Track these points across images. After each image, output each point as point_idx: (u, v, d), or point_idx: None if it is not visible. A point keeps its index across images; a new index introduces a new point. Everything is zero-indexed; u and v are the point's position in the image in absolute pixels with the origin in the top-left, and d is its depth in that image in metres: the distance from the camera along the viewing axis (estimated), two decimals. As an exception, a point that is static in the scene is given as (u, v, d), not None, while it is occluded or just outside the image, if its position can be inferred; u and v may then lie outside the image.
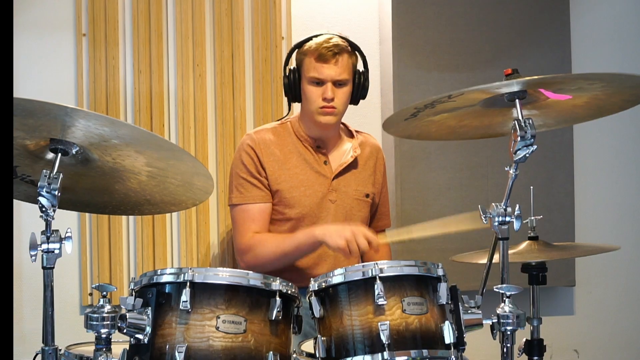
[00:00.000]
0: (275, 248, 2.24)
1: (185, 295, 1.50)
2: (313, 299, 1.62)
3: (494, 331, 1.70)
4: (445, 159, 2.95)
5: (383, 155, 2.55)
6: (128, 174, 1.76)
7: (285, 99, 2.79)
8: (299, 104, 2.38)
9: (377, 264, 1.59)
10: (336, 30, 2.34)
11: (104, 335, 1.49)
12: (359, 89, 2.33)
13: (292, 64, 2.35)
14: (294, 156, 2.35)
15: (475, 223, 1.83)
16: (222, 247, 2.78)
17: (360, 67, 2.34)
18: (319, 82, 2.26)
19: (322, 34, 2.29)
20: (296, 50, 2.33)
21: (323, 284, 1.63)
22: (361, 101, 2.39)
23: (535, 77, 1.69)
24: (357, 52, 2.32)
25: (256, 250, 2.26)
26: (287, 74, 2.33)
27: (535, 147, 1.69)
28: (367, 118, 2.90)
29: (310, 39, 2.29)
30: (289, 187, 2.32)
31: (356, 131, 2.48)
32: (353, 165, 2.39)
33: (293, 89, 2.33)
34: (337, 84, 2.27)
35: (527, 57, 3.00)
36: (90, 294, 2.68)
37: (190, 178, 1.79)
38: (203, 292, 1.53)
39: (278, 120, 2.48)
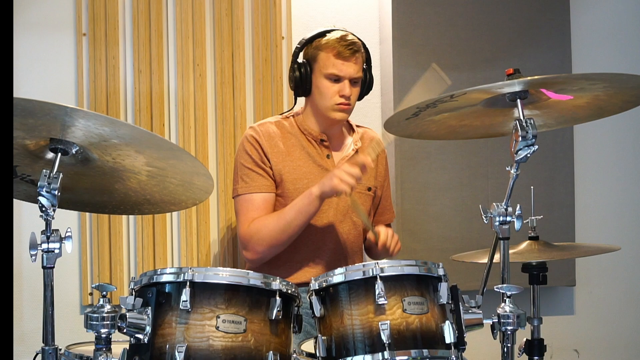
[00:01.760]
0: (276, 222, 2.22)
1: (185, 295, 1.50)
2: (313, 298, 1.62)
3: (495, 331, 1.69)
4: (445, 159, 2.94)
5: (384, 148, 2.54)
6: (128, 174, 1.76)
7: (285, 98, 2.80)
8: (302, 98, 2.38)
9: (377, 263, 1.59)
10: (336, 30, 2.34)
11: (104, 335, 1.49)
12: (364, 85, 2.35)
13: (300, 57, 2.33)
14: (297, 149, 2.35)
15: None
16: (222, 247, 2.77)
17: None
18: (337, 79, 2.26)
19: (334, 30, 2.29)
20: (307, 44, 2.31)
21: (324, 283, 1.63)
22: (361, 101, 2.39)
23: (537, 77, 1.69)
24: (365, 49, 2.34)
25: (259, 234, 2.23)
26: (296, 67, 2.31)
27: (536, 147, 1.68)
28: (368, 117, 2.90)
29: (323, 34, 2.28)
30: (292, 179, 2.31)
31: (357, 125, 2.49)
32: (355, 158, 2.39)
33: (304, 83, 2.31)
34: (353, 81, 2.28)
35: (527, 57, 3.00)
36: (90, 294, 2.68)
37: (190, 178, 1.78)
38: (203, 291, 1.53)
39: (281, 114, 2.47)
